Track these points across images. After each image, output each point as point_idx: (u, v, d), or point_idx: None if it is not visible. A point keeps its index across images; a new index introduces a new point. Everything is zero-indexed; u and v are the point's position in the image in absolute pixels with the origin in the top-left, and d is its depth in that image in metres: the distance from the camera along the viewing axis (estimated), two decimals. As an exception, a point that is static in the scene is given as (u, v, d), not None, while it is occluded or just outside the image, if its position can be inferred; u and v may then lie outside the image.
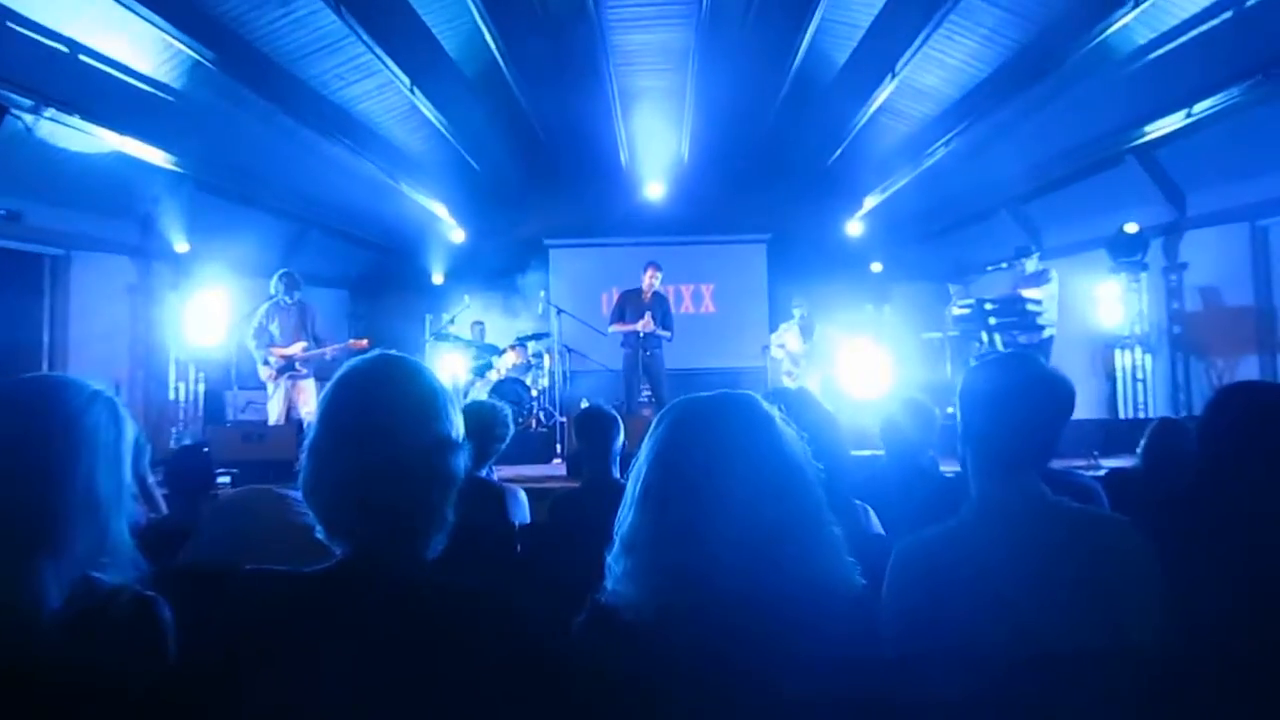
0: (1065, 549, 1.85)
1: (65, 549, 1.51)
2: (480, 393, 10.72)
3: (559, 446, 9.76)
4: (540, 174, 14.00)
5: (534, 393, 11.14)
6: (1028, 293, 8.89)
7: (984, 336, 8.89)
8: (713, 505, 1.45)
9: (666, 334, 9.82)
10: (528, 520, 4.06)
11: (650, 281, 9.73)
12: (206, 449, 3.84)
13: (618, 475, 4.15)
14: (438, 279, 14.92)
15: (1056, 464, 2.89)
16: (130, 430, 1.64)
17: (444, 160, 12.66)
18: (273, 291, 9.02)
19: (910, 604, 1.89)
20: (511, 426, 4.25)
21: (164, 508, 3.85)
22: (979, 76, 9.82)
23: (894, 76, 9.84)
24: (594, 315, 12.49)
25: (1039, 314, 8.76)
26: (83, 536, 1.53)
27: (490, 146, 12.81)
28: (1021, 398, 2.00)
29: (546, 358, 11.73)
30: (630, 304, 9.83)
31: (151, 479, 3.68)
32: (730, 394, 1.62)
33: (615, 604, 1.51)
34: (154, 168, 9.54)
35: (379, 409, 1.52)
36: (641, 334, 9.59)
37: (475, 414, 3.88)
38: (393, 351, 1.63)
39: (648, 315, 9.58)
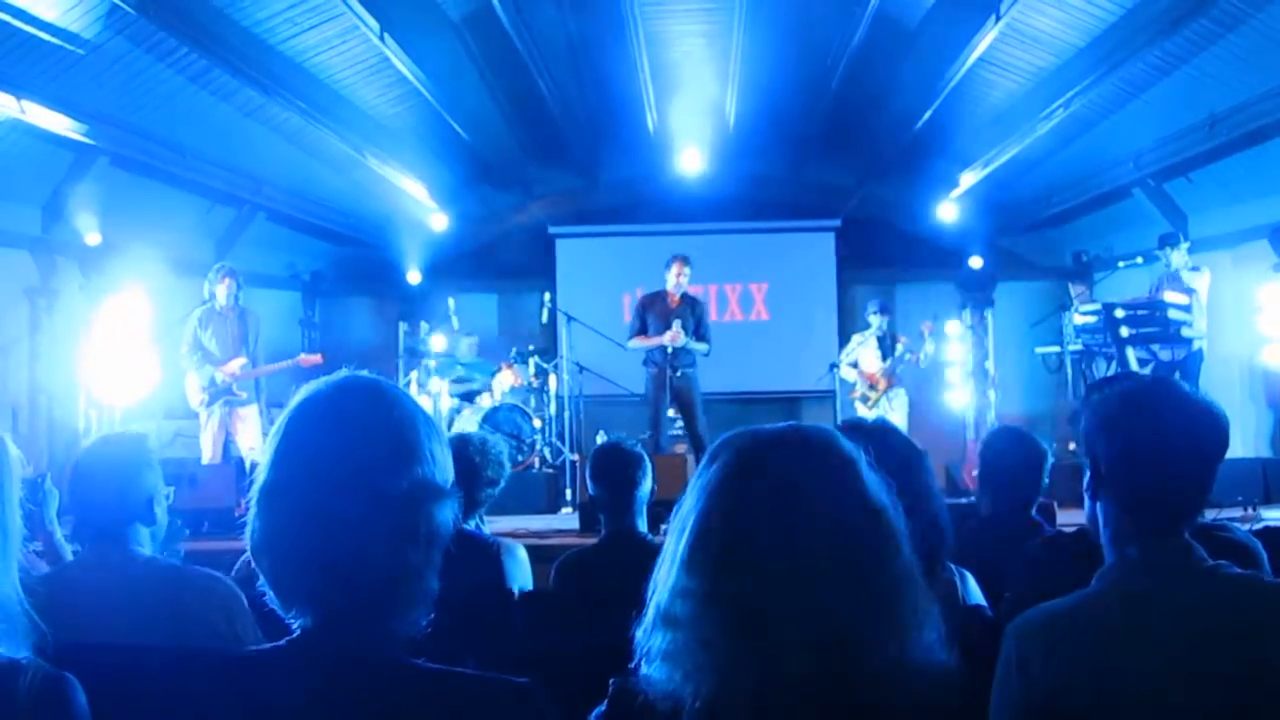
0: (1231, 629, 1.84)
1: None
2: (469, 423, 10.77)
3: (569, 492, 9.79)
4: (545, 144, 14.05)
5: (536, 423, 11.17)
6: (1171, 296, 8.85)
7: (1128, 353, 8.83)
8: (783, 572, 1.43)
9: (702, 347, 9.78)
10: (529, 585, 4.08)
11: (678, 280, 9.70)
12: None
13: (644, 530, 4.16)
14: (414, 277, 14.95)
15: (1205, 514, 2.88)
16: (15, 463, 1.66)
17: (422, 127, 12.73)
18: (206, 294, 9.09)
19: (1027, 698, 1.89)
20: (507, 465, 4.27)
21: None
22: (1108, 19, 9.79)
23: (999, 18, 9.83)
24: (613, 323, 12.53)
25: (1185, 322, 8.72)
26: None
27: (482, 109, 12.86)
28: (1176, 434, 1.99)
29: (552, 378, 11.76)
30: (653, 310, 9.81)
31: (60, 532, 3.72)
32: (802, 428, 1.60)
33: (646, 691, 1.51)
34: (59, 140, 9.66)
35: (344, 446, 1.54)
36: (670, 349, 9.57)
37: (459, 451, 3.91)
38: (362, 372, 1.64)
39: (676, 325, 9.55)
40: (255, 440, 9.01)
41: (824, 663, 1.41)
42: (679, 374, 9.64)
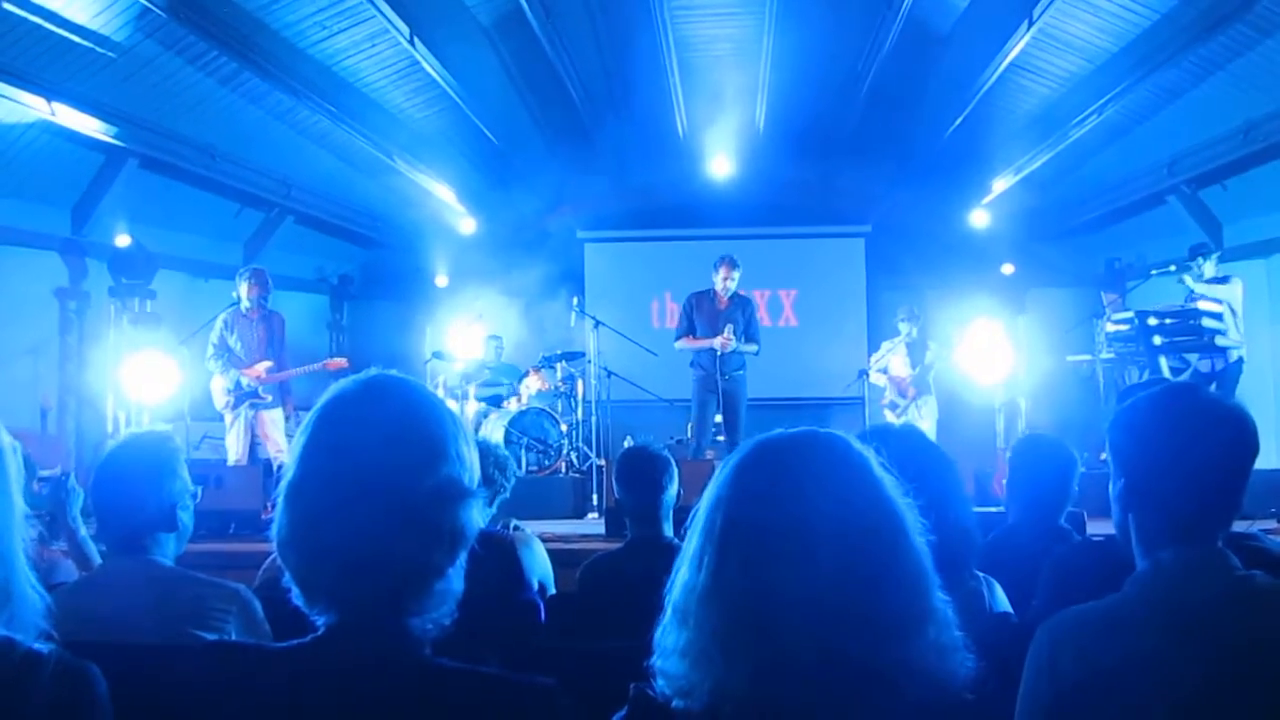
0: (1264, 637, 1.84)
1: None
2: (496, 427, 10.79)
3: (596, 497, 9.78)
4: (574, 148, 14.06)
5: (564, 427, 11.18)
6: (1205, 304, 8.80)
7: (1160, 361, 8.78)
8: (793, 570, 1.45)
9: (752, 348, 9.75)
10: (549, 575, 4.09)
11: (725, 283, 9.68)
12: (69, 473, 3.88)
13: (670, 534, 4.16)
14: (441, 281, 15.03)
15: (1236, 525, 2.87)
16: (9, 449, 1.68)
17: (451, 131, 12.79)
18: (234, 296, 9.14)
19: (1055, 697, 1.89)
20: (511, 466, 4.29)
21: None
22: (1142, 24, 9.76)
23: (1031, 24, 9.80)
24: (641, 328, 12.56)
25: (1219, 331, 8.66)
26: None
27: (511, 113, 12.91)
28: (1206, 439, 1.98)
29: (580, 383, 11.77)
30: (702, 312, 9.77)
31: (84, 530, 3.75)
32: (816, 431, 1.62)
33: (663, 691, 1.53)
34: (89, 142, 9.75)
35: (370, 445, 1.55)
36: (720, 352, 9.55)
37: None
38: (391, 371, 1.66)
39: (728, 330, 9.52)
40: (281, 442, 9.04)
41: (828, 660, 1.42)
42: (727, 378, 9.60)
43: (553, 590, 4.25)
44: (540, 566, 4.02)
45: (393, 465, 1.54)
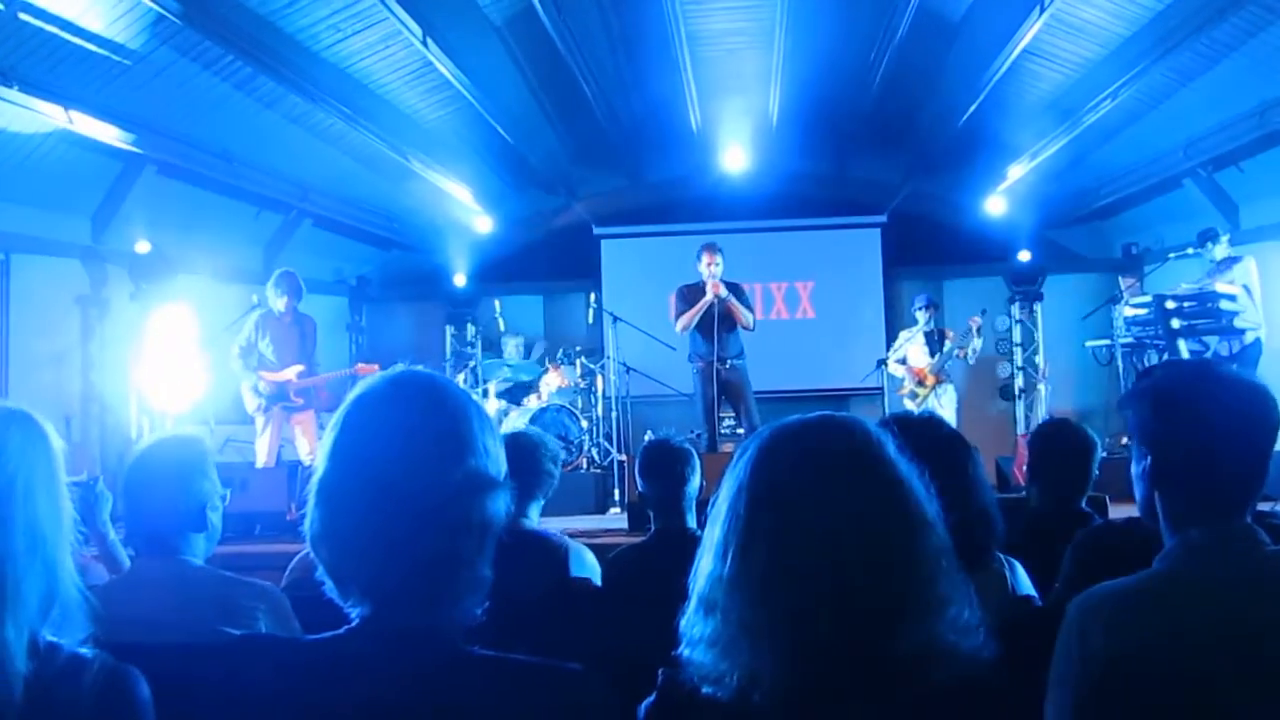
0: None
1: (17, 598, 1.57)
2: (517, 425, 10.81)
3: (617, 492, 9.80)
4: (589, 145, 14.10)
5: (584, 424, 11.20)
6: (1223, 286, 8.78)
7: (1179, 345, 8.76)
8: (817, 554, 1.47)
9: (748, 316, 9.69)
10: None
11: (709, 269, 9.65)
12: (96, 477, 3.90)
13: (693, 525, 4.17)
14: (460, 280, 15.03)
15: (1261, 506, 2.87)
16: (59, 451, 1.71)
17: (466, 131, 12.79)
18: (254, 300, 9.17)
19: (1085, 670, 1.90)
20: (560, 458, 4.30)
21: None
22: (1155, 7, 9.71)
23: (1043, 9, 9.78)
24: (659, 323, 12.54)
25: (1236, 312, 8.64)
26: (31, 581, 1.59)
27: (525, 112, 12.92)
28: (1231, 413, 1.99)
29: (599, 379, 11.79)
30: (694, 298, 9.76)
31: (114, 534, 3.78)
32: (832, 415, 1.64)
33: (692, 678, 1.54)
34: (108, 149, 9.79)
35: (399, 439, 1.57)
36: (716, 301, 9.38)
37: (519, 446, 3.95)
38: (418, 366, 1.69)
39: (716, 274, 9.46)
40: (310, 445, 9.06)
41: (854, 643, 1.44)
42: (727, 365, 9.52)
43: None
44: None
45: (420, 459, 1.56)
